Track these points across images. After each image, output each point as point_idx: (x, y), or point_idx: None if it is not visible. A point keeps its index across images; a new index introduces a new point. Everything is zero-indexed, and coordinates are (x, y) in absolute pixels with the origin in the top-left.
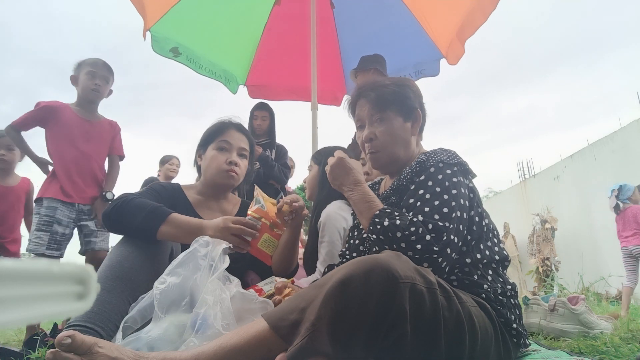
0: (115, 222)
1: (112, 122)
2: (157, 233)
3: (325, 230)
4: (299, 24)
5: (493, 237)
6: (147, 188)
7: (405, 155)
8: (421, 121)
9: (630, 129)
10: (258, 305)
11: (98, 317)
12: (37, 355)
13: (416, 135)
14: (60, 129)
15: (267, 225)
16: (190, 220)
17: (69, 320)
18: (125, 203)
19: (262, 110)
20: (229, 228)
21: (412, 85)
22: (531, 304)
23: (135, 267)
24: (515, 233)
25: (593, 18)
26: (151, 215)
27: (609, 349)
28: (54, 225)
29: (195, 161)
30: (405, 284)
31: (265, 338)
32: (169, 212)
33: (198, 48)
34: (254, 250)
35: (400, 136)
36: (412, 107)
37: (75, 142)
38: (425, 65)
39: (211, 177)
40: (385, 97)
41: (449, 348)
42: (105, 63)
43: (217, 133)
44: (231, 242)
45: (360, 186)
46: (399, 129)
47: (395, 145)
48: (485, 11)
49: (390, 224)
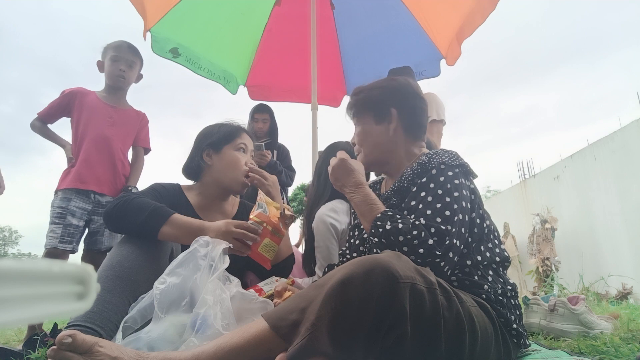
0: (116, 221)
1: (140, 113)
2: (159, 233)
3: (318, 235)
4: (299, 24)
5: (494, 239)
6: (148, 188)
7: (387, 157)
8: (401, 120)
9: (630, 129)
10: (258, 305)
11: (98, 317)
12: (37, 355)
13: (399, 135)
14: (82, 113)
15: (268, 230)
16: (191, 222)
17: (69, 321)
18: (126, 202)
19: (262, 113)
20: (231, 232)
21: (386, 85)
22: (531, 304)
23: (135, 267)
24: (515, 233)
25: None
26: (153, 216)
27: (609, 349)
28: (67, 217)
29: (200, 160)
30: (405, 284)
31: (265, 338)
32: (171, 212)
33: (198, 48)
34: (254, 254)
35: (374, 139)
36: (383, 108)
37: (97, 125)
38: (426, 65)
39: (227, 180)
40: (358, 103)
41: (449, 348)
42: (131, 45)
43: (235, 134)
44: (233, 245)
45: (362, 188)
46: (370, 132)
47: (370, 148)
48: (484, 12)
49: (392, 227)
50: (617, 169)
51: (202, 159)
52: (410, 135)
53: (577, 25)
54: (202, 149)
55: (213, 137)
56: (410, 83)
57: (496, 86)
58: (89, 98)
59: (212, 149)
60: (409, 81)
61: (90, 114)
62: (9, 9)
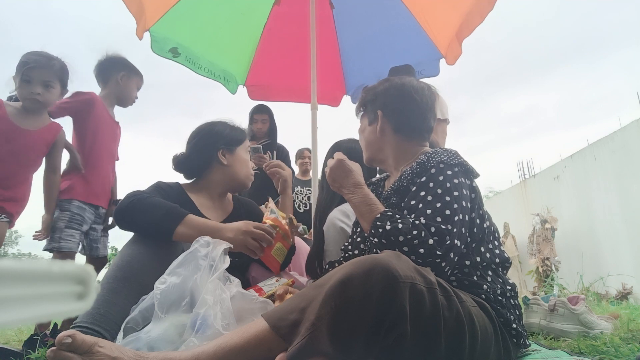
0: (130, 219)
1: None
2: (174, 234)
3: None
4: (298, 24)
5: (494, 240)
6: (154, 186)
7: (382, 155)
8: (389, 121)
9: (630, 129)
10: (258, 305)
11: (104, 320)
12: (37, 355)
13: (389, 135)
14: (96, 124)
15: (280, 234)
16: (207, 222)
17: (75, 321)
18: (140, 201)
19: (261, 114)
20: (251, 232)
21: (377, 87)
22: (531, 304)
23: (144, 269)
24: (515, 233)
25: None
26: (168, 215)
27: (609, 349)
28: (83, 225)
29: (214, 159)
30: (405, 284)
31: (265, 338)
32: (186, 212)
33: (197, 48)
34: (266, 256)
35: (367, 138)
36: (371, 110)
37: (106, 138)
38: (425, 65)
39: (242, 180)
40: (359, 103)
41: (449, 348)
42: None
43: (244, 137)
44: (250, 246)
45: (361, 188)
46: (364, 131)
47: (364, 146)
48: (483, 12)
49: (392, 227)
50: (617, 169)
51: (217, 158)
52: (402, 135)
53: (578, 25)
54: (217, 148)
55: (226, 138)
56: (404, 84)
57: (496, 86)
58: (101, 108)
59: (227, 149)
60: (404, 82)
61: (102, 126)
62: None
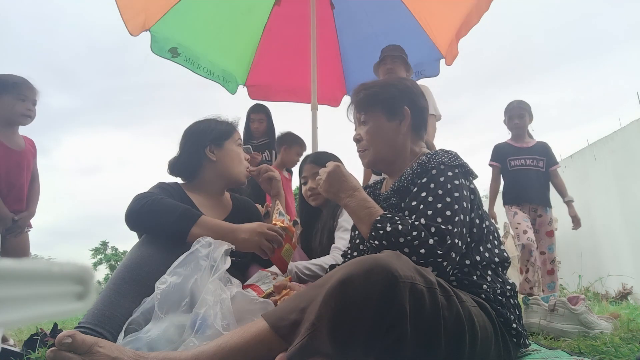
0: (145, 220)
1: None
2: (189, 235)
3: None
4: (298, 24)
5: (493, 239)
6: (158, 187)
7: (395, 154)
8: (412, 119)
9: (630, 129)
10: (258, 305)
11: (109, 322)
12: (37, 355)
13: (407, 133)
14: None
15: (289, 236)
16: (221, 223)
17: (80, 321)
18: (155, 202)
19: (258, 113)
20: (265, 233)
21: (398, 84)
22: (531, 304)
23: (153, 272)
24: None
25: (594, 18)
26: (184, 217)
27: (609, 349)
28: None
29: (203, 157)
30: (405, 284)
31: (265, 338)
32: (199, 214)
33: (198, 48)
34: (276, 257)
35: (384, 136)
36: (396, 106)
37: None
38: (426, 65)
39: (235, 174)
40: (367, 99)
41: (449, 347)
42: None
43: (233, 129)
44: (263, 247)
45: (359, 192)
46: (382, 128)
47: (379, 145)
48: (480, 12)
49: (392, 229)
50: (617, 168)
51: (205, 156)
52: (415, 134)
53: (578, 25)
54: (204, 146)
55: (212, 133)
56: (416, 84)
57: (497, 86)
58: None
59: (214, 145)
60: (415, 82)
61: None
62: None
